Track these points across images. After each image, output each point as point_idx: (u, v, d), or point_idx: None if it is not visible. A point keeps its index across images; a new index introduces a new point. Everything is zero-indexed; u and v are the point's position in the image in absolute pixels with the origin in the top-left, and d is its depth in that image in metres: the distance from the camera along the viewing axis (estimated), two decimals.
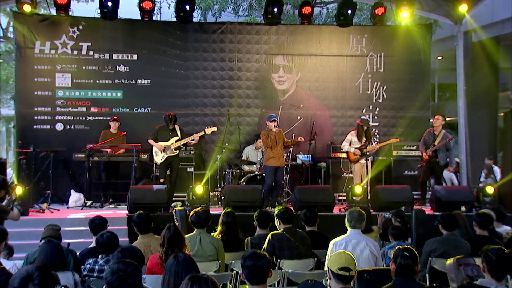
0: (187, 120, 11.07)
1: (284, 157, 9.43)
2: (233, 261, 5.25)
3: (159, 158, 9.10)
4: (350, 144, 9.76)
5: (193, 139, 9.11)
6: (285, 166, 9.69)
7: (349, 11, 10.99)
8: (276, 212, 5.69)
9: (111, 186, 9.90)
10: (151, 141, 9.12)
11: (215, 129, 9.42)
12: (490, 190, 8.86)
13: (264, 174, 9.31)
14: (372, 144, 9.81)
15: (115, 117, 10.04)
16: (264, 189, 8.75)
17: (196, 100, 11.24)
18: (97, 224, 5.51)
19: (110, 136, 9.79)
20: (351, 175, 10.11)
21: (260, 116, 11.32)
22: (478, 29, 12.31)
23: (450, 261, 4.77)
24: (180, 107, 11.11)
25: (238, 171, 10.18)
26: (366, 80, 11.64)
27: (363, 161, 9.62)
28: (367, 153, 9.55)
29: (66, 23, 10.61)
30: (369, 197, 9.12)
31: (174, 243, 4.56)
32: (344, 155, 10.12)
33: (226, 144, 10.48)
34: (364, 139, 9.67)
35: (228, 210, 6.15)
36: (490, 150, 13.14)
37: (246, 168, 10.49)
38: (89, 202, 9.49)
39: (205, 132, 9.22)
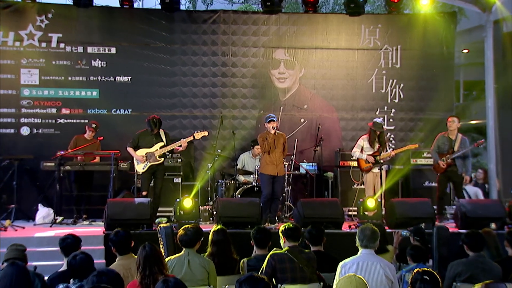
0: (174, 123, 11.12)
1: (286, 165, 9.49)
2: (226, 286, 5.25)
3: (141, 167, 9.10)
4: (361, 150, 9.79)
5: (181, 145, 9.12)
6: (286, 176, 9.74)
7: None
8: (281, 228, 5.70)
9: (85, 200, 9.89)
10: (130, 150, 9.15)
11: (206, 133, 9.46)
12: None
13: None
14: (386, 150, 9.85)
15: (94, 123, 10.05)
16: (261, 201, 8.83)
17: (184, 100, 11.28)
18: (69, 244, 5.48)
19: (84, 142, 9.82)
20: (362, 186, 10.16)
21: (258, 119, 11.40)
22: (509, 18, 12.10)
23: (477, 286, 4.66)
24: (166, 108, 11.17)
25: (232, 182, 10.20)
26: (380, 77, 11.71)
27: (376, 170, 9.65)
28: (381, 161, 9.57)
29: (33, 10, 10.62)
30: (383, 212, 9.15)
31: (152, 263, 4.58)
32: (355, 163, 10.15)
33: (219, 151, 10.48)
34: (377, 145, 9.71)
35: (218, 227, 6.14)
36: None
37: (241, 178, 10.52)
38: (59, 218, 9.47)
39: (194, 137, 9.26)
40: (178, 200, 8.91)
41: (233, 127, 11.11)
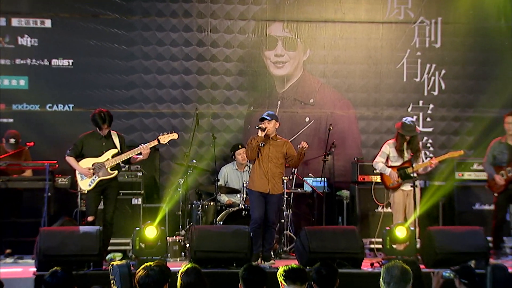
0: (132, 123, 11.22)
1: (285, 181, 9.58)
2: None
3: (86, 183, 9.05)
4: (387, 160, 9.85)
5: (141, 153, 9.08)
6: (286, 196, 9.78)
7: None
8: (281, 271, 5.67)
9: (10, 229, 9.84)
10: (70, 160, 9.12)
11: (175, 136, 9.41)
12: None
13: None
14: (423, 161, 9.86)
15: (13, 136, 9.97)
16: (250, 228, 8.89)
17: (146, 92, 11.33)
18: None
19: (4, 152, 9.81)
20: (389, 209, 10.23)
21: (247, 118, 11.51)
22: None
23: None
24: (121, 103, 11.24)
25: (212, 203, 10.25)
26: (413, 60, 11.79)
27: (407, 187, 9.68)
28: (414, 175, 9.52)
29: None
30: (418, 245, 9.12)
31: None
32: (378, 178, 10.25)
33: (194, 161, 10.51)
34: (408, 153, 9.72)
35: (188, 266, 6.01)
36: None
37: (224, 198, 10.57)
38: None
39: (159, 141, 9.21)
40: (137, 228, 8.84)
41: (213, 129, 11.14)
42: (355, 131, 11.73)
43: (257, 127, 9.05)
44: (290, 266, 5.67)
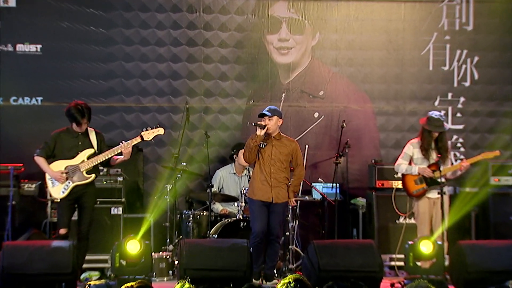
0: (111, 119, 11.29)
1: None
2: None
3: (58, 190, 9.02)
4: (410, 163, 9.86)
5: (121, 153, 9.09)
6: (289, 204, 9.70)
7: None
8: (280, 286, 5.60)
9: None
10: (40, 161, 9.09)
11: (161, 131, 9.32)
12: None
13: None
14: (450, 163, 9.92)
15: None
16: (250, 243, 8.85)
17: (128, 83, 11.40)
18: None
19: None
20: (412, 220, 10.27)
21: (246, 113, 11.57)
22: None
23: None
24: (99, 96, 11.29)
25: (205, 213, 10.26)
26: (441, 45, 11.83)
27: (434, 195, 9.68)
28: (441, 181, 9.48)
29: None
30: (446, 262, 9.14)
31: None
32: (400, 183, 10.25)
33: (184, 164, 10.55)
34: (435, 153, 9.71)
35: (182, 285, 6.04)
36: None
37: (219, 207, 10.63)
38: None
39: (142, 138, 9.17)
40: (117, 243, 8.87)
41: (207, 127, 11.16)
42: (373, 128, 11.78)
43: (255, 124, 9.06)
44: (294, 278, 5.57)
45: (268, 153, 9.11)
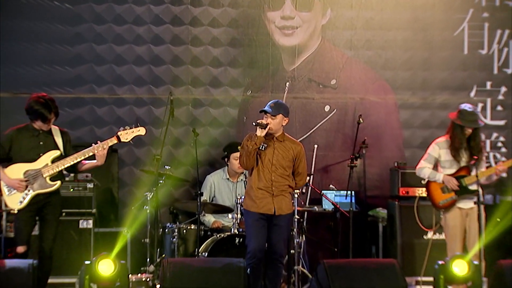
0: (79, 113, 11.34)
1: (296, 196, 9.69)
2: None
3: (15, 199, 8.98)
4: (436, 167, 9.88)
5: (94, 156, 9.03)
6: (297, 216, 9.81)
7: None
8: None
9: None
10: None
11: (142, 131, 9.24)
12: None
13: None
14: (484, 166, 9.90)
15: None
16: (247, 263, 8.77)
17: (99, 69, 11.42)
18: None
19: None
20: (441, 236, 10.30)
21: (243, 106, 11.66)
22: None
23: None
24: (63, 85, 11.31)
25: (192, 227, 10.26)
26: (477, 25, 11.88)
27: (466, 204, 9.69)
28: (474, 188, 9.54)
29: None
30: (485, 287, 9.15)
31: None
32: (424, 190, 10.24)
33: (167, 167, 10.54)
34: (467, 155, 9.75)
35: None
36: None
37: (210, 220, 10.60)
38: None
39: (119, 139, 9.13)
40: (87, 262, 8.72)
41: (195, 122, 11.29)
42: (395, 124, 11.82)
43: (255, 124, 8.86)
44: None
45: (269, 157, 8.96)
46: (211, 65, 11.57)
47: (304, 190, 10.45)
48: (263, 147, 8.92)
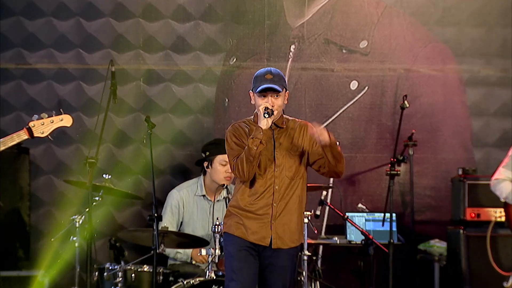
0: None
1: (306, 220, 8.30)
2: None
3: None
4: None
5: None
6: (304, 251, 8.68)
7: None
8: None
9: None
10: None
11: (67, 121, 7.87)
12: None
13: None
14: None
15: None
16: None
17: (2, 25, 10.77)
18: None
19: None
20: None
21: (222, 80, 10.73)
22: None
23: None
24: None
25: (146, 268, 9.18)
26: None
27: None
28: None
29: None
30: None
31: None
32: (503, 213, 9.50)
33: (106, 176, 9.38)
34: None
35: None
36: None
37: (176, 255, 9.71)
38: None
39: (31, 133, 7.80)
40: None
41: (150, 107, 10.43)
42: (460, 111, 10.55)
43: (264, 111, 7.31)
44: None
45: (268, 155, 7.33)
46: (173, 18, 10.50)
47: (318, 212, 9.29)
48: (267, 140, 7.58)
